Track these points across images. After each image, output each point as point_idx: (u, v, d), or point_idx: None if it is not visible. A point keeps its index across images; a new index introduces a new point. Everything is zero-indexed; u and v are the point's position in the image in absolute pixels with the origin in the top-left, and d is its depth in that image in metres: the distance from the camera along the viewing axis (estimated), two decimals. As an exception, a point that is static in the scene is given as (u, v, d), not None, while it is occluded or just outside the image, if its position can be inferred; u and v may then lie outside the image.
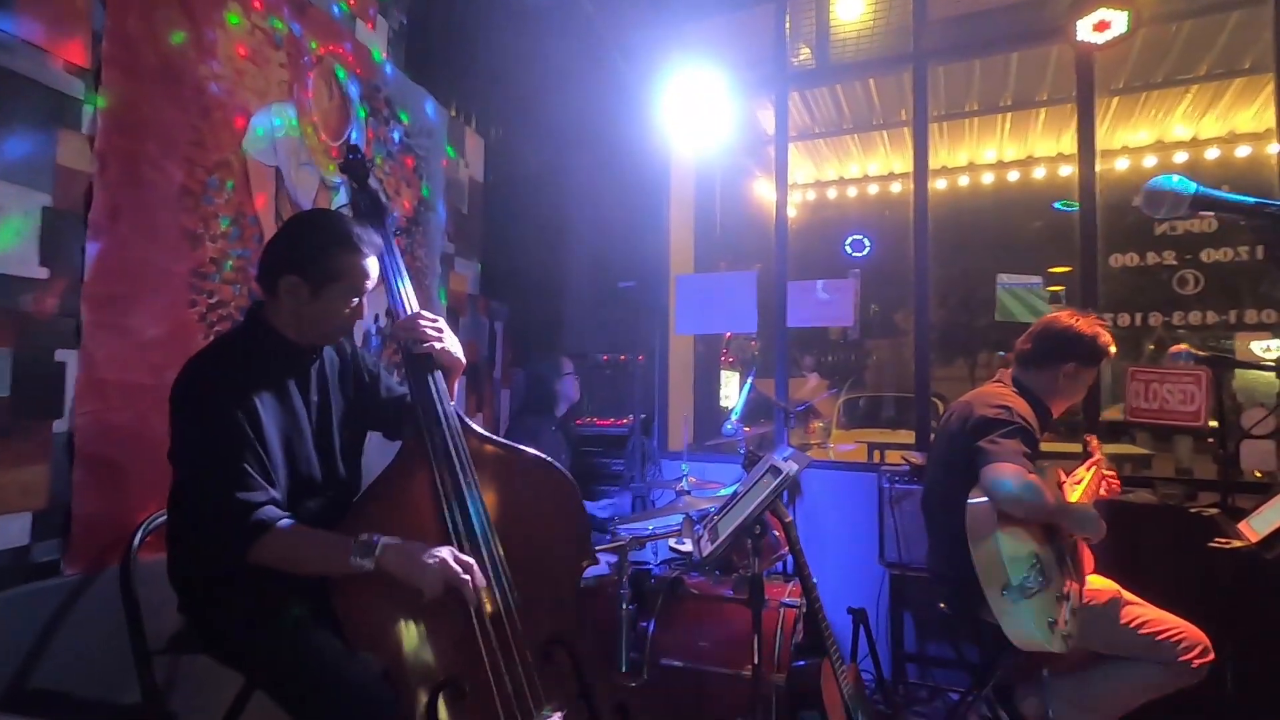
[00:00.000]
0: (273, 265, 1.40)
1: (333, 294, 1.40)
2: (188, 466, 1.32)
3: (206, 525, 1.29)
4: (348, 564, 1.25)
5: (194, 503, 1.32)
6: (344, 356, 1.59)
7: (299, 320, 1.41)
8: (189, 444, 1.31)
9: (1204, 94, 4.36)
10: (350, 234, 1.41)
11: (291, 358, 1.45)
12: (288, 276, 1.38)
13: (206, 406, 1.29)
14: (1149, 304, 2.93)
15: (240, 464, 1.27)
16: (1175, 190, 0.96)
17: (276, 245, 1.43)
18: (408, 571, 1.27)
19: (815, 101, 4.71)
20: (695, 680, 2.08)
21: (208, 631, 1.39)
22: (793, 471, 1.60)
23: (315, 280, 1.38)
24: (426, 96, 2.94)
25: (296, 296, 1.38)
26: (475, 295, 3.34)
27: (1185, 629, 1.87)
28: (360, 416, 1.58)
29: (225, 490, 1.25)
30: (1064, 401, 2.08)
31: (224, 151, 1.93)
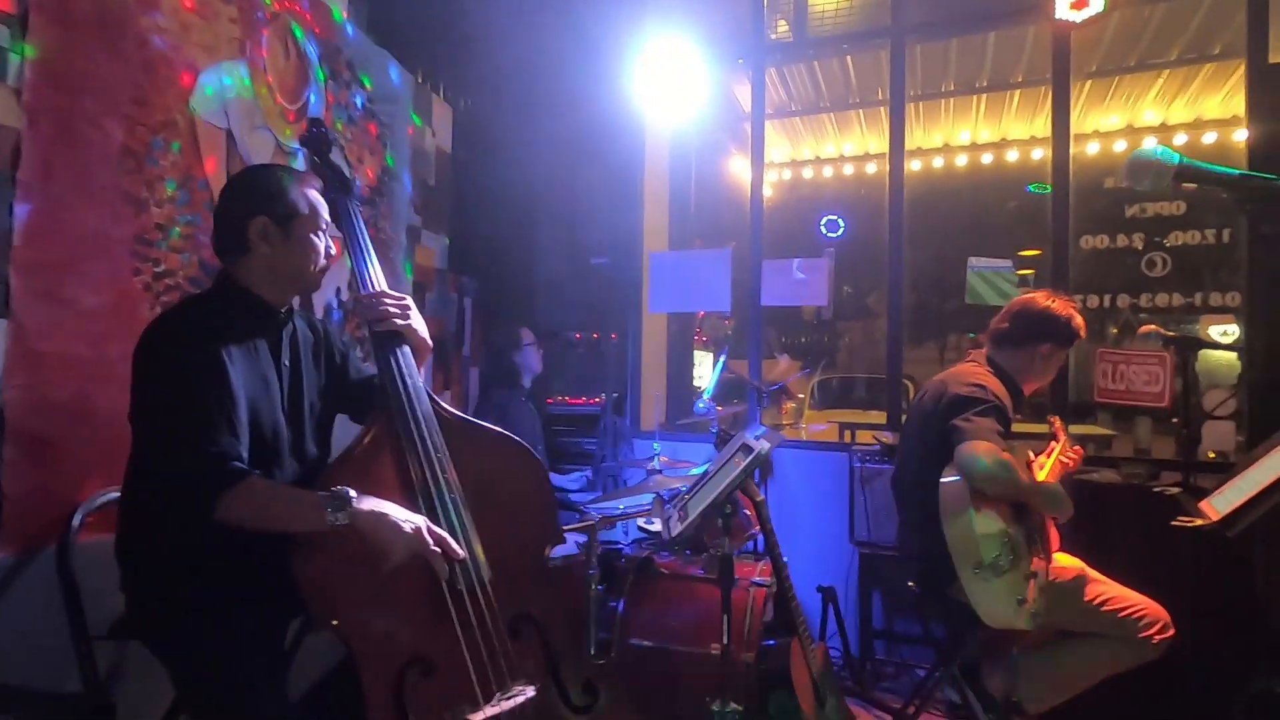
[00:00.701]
0: (236, 217, 1.36)
1: (302, 229, 1.38)
2: (154, 420, 1.25)
3: (175, 477, 1.22)
4: (321, 519, 1.20)
5: (162, 455, 1.24)
6: (317, 333, 1.54)
7: (276, 270, 1.37)
8: (156, 397, 1.25)
9: (1174, 79, 4.40)
10: (292, 170, 1.44)
11: (264, 318, 1.39)
12: (256, 220, 1.34)
13: (175, 358, 1.24)
14: (1118, 286, 2.96)
15: (212, 414, 1.22)
16: (1160, 161, 0.93)
17: (233, 199, 1.39)
18: (380, 532, 1.23)
19: (792, 79, 4.66)
20: (664, 660, 2.07)
21: (144, 616, 1.32)
22: (764, 450, 1.57)
23: (282, 217, 1.36)
24: (391, 61, 2.82)
25: (269, 240, 1.35)
26: (443, 270, 3.25)
27: (1147, 606, 1.90)
28: (331, 395, 1.53)
29: (196, 440, 1.20)
30: (1036, 382, 2.09)
31: (169, 111, 1.82)
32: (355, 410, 1.59)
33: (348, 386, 1.56)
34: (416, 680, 1.29)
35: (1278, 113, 2.60)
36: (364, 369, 1.61)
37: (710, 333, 4.79)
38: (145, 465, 1.29)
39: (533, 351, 3.08)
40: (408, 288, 2.95)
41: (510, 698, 1.35)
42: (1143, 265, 2.86)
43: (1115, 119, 4.92)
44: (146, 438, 1.28)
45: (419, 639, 1.31)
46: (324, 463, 1.49)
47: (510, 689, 1.35)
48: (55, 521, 1.47)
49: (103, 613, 1.39)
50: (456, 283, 3.36)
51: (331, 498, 1.21)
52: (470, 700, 1.31)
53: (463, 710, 1.30)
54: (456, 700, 1.31)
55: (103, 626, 1.39)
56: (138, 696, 1.49)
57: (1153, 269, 2.85)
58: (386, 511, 1.25)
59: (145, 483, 1.30)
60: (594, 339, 3.66)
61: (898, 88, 3.37)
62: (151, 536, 1.30)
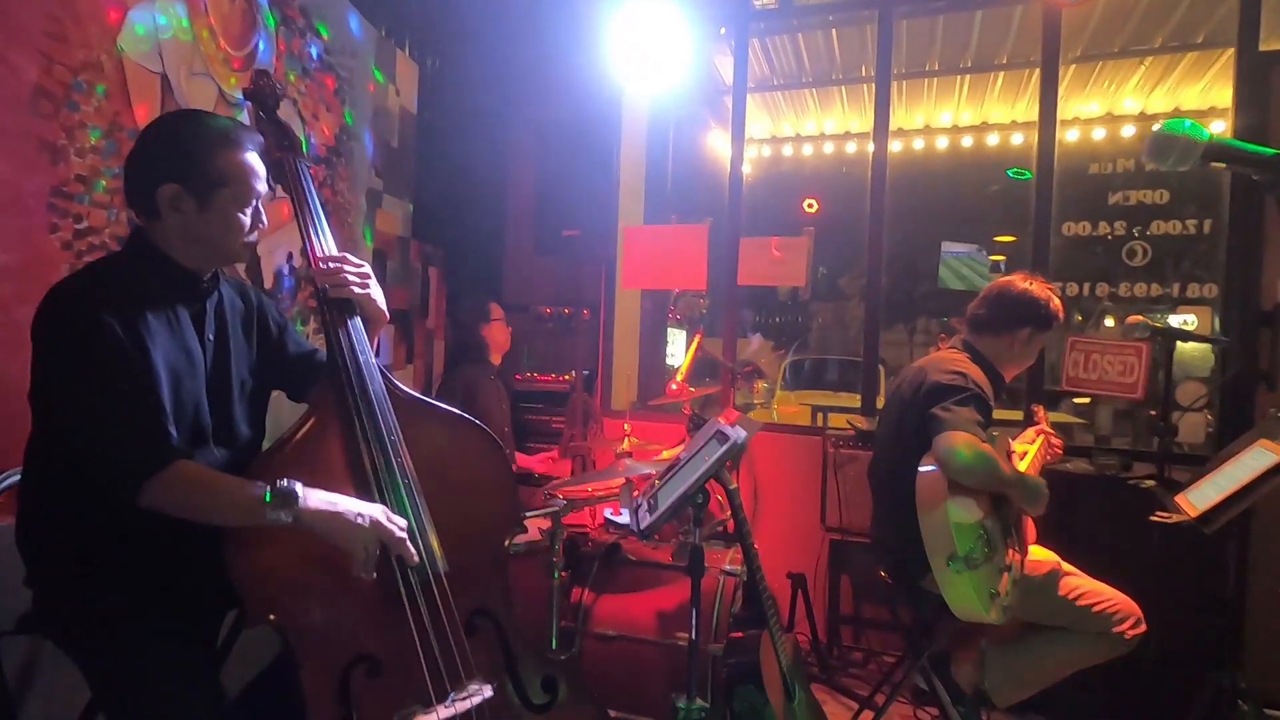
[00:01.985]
0: (144, 179, 1.18)
1: (224, 200, 1.20)
2: (62, 401, 1.11)
3: (92, 466, 1.09)
4: (260, 515, 1.07)
5: (78, 438, 1.10)
6: (248, 302, 1.38)
7: (191, 240, 1.21)
8: (62, 375, 1.10)
9: (1156, 67, 4.37)
10: (227, 129, 1.22)
11: (184, 286, 1.24)
12: (165, 187, 1.16)
13: (84, 330, 1.08)
14: (1096, 274, 2.93)
15: (129, 394, 1.08)
16: (1188, 137, 0.85)
17: (144, 154, 1.20)
18: (333, 530, 1.12)
19: (775, 51, 4.52)
20: (629, 651, 2.00)
21: (50, 611, 1.19)
22: (740, 439, 1.49)
23: (199, 188, 1.18)
24: (351, 10, 2.63)
25: (180, 210, 1.18)
26: (406, 238, 3.08)
27: (1120, 601, 1.87)
28: (264, 371, 1.39)
29: (117, 419, 1.07)
30: (1016, 367, 2.04)
31: (92, 49, 1.63)
32: (294, 387, 1.45)
33: (286, 361, 1.43)
34: (362, 679, 1.21)
35: (1265, 100, 2.56)
36: (304, 343, 1.47)
37: (685, 311, 4.69)
38: (51, 449, 1.15)
39: (501, 327, 2.95)
40: (367, 255, 2.79)
41: (465, 698, 1.26)
42: (1123, 254, 2.82)
43: (1095, 105, 4.89)
44: (55, 419, 1.14)
45: (365, 635, 1.22)
46: (257, 445, 1.36)
47: (465, 688, 1.27)
48: (-45, 504, 1.32)
49: (11, 605, 1.25)
50: (420, 251, 3.20)
51: (275, 493, 1.08)
52: (421, 700, 1.23)
53: (412, 711, 1.22)
54: (406, 701, 1.23)
55: (11, 620, 1.26)
56: (53, 694, 1.37)
57: (1133, 258, 2.82)
58: (339, 508, 1.13)
59: (50, 465, 1.16)
60: (565, 314, 3.54)
61: (884, 63, 3.27)
62: (58, 524, 1.17)
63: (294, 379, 1.44)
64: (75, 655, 1.18)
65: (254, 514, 1.08)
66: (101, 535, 1.15)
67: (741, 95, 3.50)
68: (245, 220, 1.24)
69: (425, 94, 3.16)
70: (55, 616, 1.19)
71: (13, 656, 1.35)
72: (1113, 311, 4.16)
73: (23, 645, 1.42)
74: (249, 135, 1.25)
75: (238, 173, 1.21)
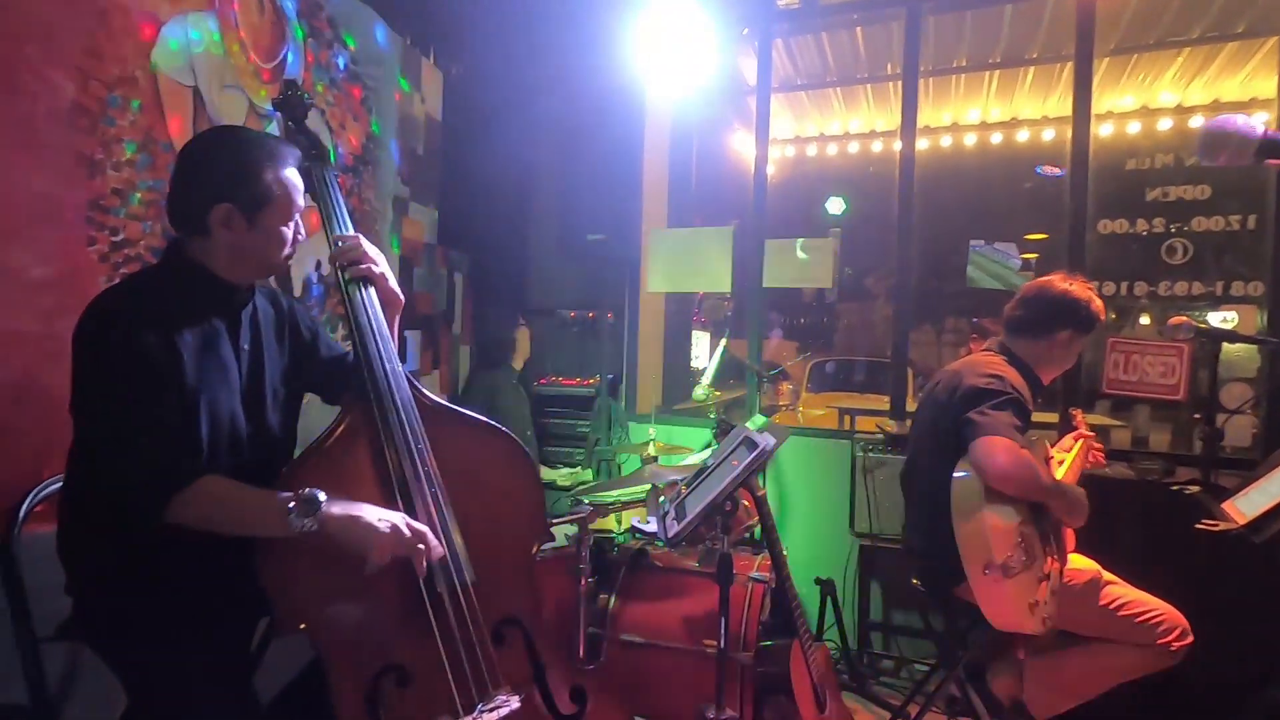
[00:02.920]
0: (197, 199, 1.20)
1: (271, 217, 1.22)
2: (94, 415, 1.13)
3: (118, 481, 1.11)
4: (284, 524, 1.09)
5: (106, 453, 1.12)
6: (279, 309, 1.40)
7: (238, 255, 1.23)
8: (96, 388, 1.12)
9: (1194, 59, 4.24)
10: (272, 147, 1.24)
11: (221, 298, 1.26)
12: (218, 207, 1.19)
13: (119, 345, 1.10)
14: (1133, 272, 2.84)
15: (159, 410, 1.10)
16: (1240, 132, 0.81)
17: (192, 174, 1.22)
18: (354, 536, 1.13)
19: (799, 51, 4.48)
20: (657, 658, 1.98)
21: (89, 619, 1.21)
22: (770, 446, 1.46)
23: (250, 206, 1.20)
24: (377, 20, 2.65)
25: (232, 228, 1.20)
26: (432, 244, 3.11)
27: (1165, 611, 1.81)
28: (297, 377, 1.41)
29: (143, 437, 1.09)
30: (1055, 370, 1.98)
31: (127, 65, 1.67)
32: (328, 390, 1.47)
33: (318, 365, 1.44)
34: (391, 689, 1.21)
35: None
36: (336, 346, 1.49)
37: (709, 314, 4.66)
38: (87, 460, 1.18)
39: (526, 333, 2.97)
40: (394, 262, 2.81)
41: (492, 708, 1.26)
42: (1162, 251, 2.73)
43: (1130, 99, 4.76)
44: (88, 432, 1.15)
45: (394, 645, 1.22)
46: (288, 445, 1.38)
47: (492, 699, 1.26)
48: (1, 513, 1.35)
49: (54, 611, 1.28)
50: (446, 257, 3.22)
51: (298, 501, 1.09)
52: (449, 711, 1.22)
53: (441, 722, 1.21)
54: (434, 711, 1.22)
55: (51, 626, 1.28)
56: (91, 699, 1.39)
57: (1173, 255, 2.73)
58: (359, 514, 1.14)
59: (88, 478, 1.18)
60: (589, 318, 3.53)
61: (911, 61, 3.22)
62: (96, 534, 1.19)
63: (327, 382, 1.46)
64: (112, 662, 1.20)
65: (279, 523, 1.09)
66: (139, 544, 1.16)
67: (765, 96, 3.47)
68: (289, 234, 1.26)
69: (450, 101, 3.18)
70: (94, 624, 1.21)
71: (53, 662, 1.38)
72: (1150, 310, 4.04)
73: (62, 651, 1.44)
74: (289, 150, 1.28)
75: (282, 189, 1.23)
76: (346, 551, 1.14)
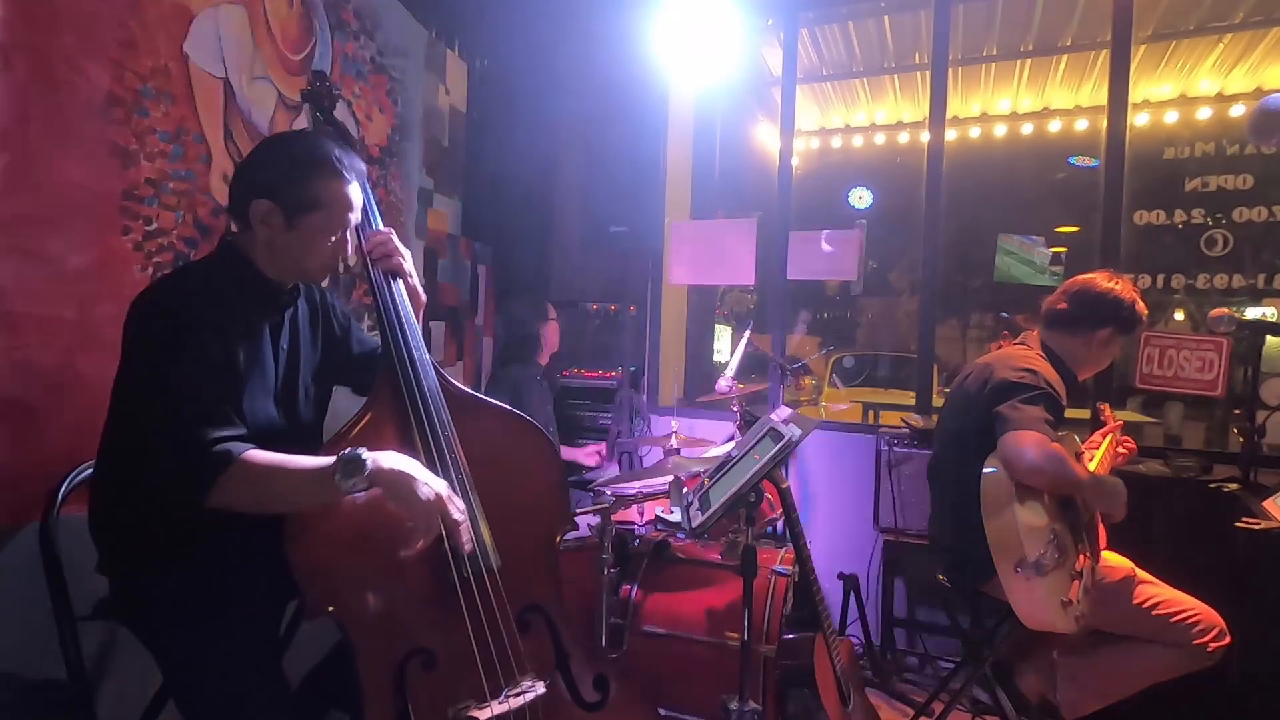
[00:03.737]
0: (243, 190, 1.23)
1: (311, 225, 1.23)
2: (142, 398, 1.14)
3: (167, 458, 1.12)
4: (332, 487, 1.09)
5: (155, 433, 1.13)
6: (313, 303, 1.42)
7: (274, 254, 1.25)
8: (150, 367, 1.13)
9: (1236, 44, 4.11)
10: (331, 156, 1.24)
11: (266, 297, 1.28)
12: (259, 202, 1.21)
13: (176, 326, 1.12)
14: (1170, 265, 2.77)
15: (212, 388, 1.12)
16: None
17: (247, 168, 1.26)
18: (401, 493, 1.13)
19: (825, 40, 4.41)
20: (679, 649, 1.97)
21: (125, 598, 1.23)
22: (795, 437, 1.44)
23: (290, 207, 1.21)
24: (403, 12, 2.66)
25: (269, 225, 1.22)
26: (456, 235, 3.12)
27: (1201, 610, 1.76)
28: (328, 371, 1.43)
29: (192, 419, 1.09)
30: (1091, 368, 1.94)
31: (161, 57, 1.69)
32: (359, 383, 1.49)
33: (350, 359, 1.46)
34: (418, 673, 1.22)
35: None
36: (367, 340, 1.50)
37: (732, 306, 4.64)
38: (127, 441, 1.19)
39: (554, 327, 2.96)
40: (419, 253, 2.83)
41: (518, 694, 1.26)
42: (1201, 243, 2.65)
43: (1168, 88, 4.62)
44: (138, 411, 1.17)
45: (420, 629, 1.24)
46: (320, 442, 1.39)
47: (518, 684, 1.27)
48: (39, 495, 1.38)
49: (90, 590, 1.31)
50: (470, 249, 3.24)
51: (343, 463, 1.09)
52: (476, 695, 1.24)
53: (467, 706, 1.23)
54: (460, 695, 1.23)
55: (88, 604, 1.31)
56: (127, 676, 1.43)
57: (1212, 247, 2.65)
58: (410, 470, 1.14)
59: (128, 459, 1.20)
60: (611, 310, 3.53)
61: (940, 51, 3.16)
62: (130, 515, 1.21)
63: (359, 376, 1.47)
64: (148, 640, 1.22)
65: (326, 488, 1.10)
66: (172, 525, 1.18)
67: (790, 86, 3.43)
68: (328, 247, 1.26)
69: (474, 93, 3.19)
70: (130, 603, 1.23)
71: (90, 641, 1.41)
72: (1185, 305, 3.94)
73: (98, 630, 1.48)
74: (352, 165, 1.27)
75: (332, 200, 1.24)
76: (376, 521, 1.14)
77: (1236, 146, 2.70)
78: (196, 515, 1.14)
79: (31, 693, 1.39)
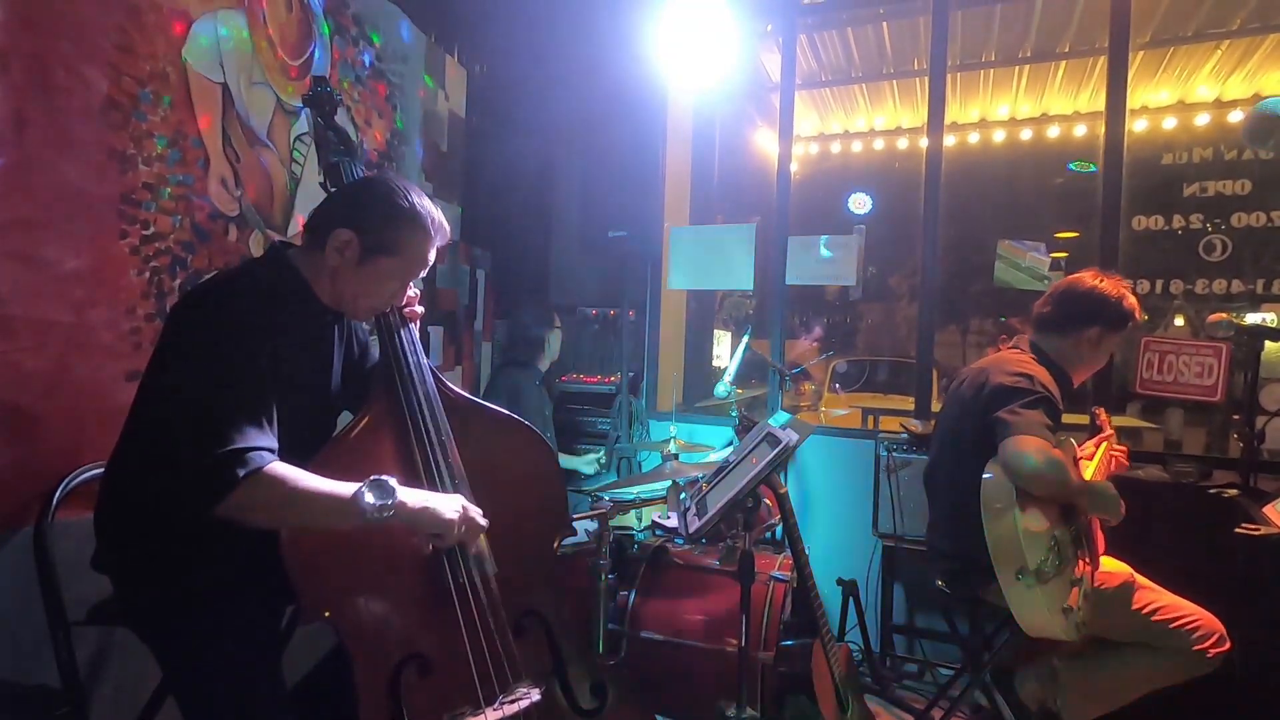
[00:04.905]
0: (331, 215, 1.26)
1: (381, 267, 1.25)
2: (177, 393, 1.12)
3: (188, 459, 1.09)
4: (358, 509, 1.09)
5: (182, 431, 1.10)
6: (341, 323, 1.41)
7: (335, 283, 1.26)
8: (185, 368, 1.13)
9: (1233, 51, 4.12)
10: (427, 215, 1.28)
11: (314, 317, 1.30)
12: (342, 231, 1.23)
13: (228, 333, 1.13)
14: (1168, 270, 2.77)
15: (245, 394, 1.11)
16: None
17: (342, 196, 1.31)
18: (426, 523, 1.17)
19: (823, 46, 4.43)
20: (677, 655, 1.97)
21: (130, 600, 1.22)
22: (793, 442, 1.44)
23: (370, 245, 1.23)
24: (401, 17, 2.67)
25: (343, 255, 1.23)
26: (455, 240, 3.12)
27: (1201, 616, 1.75)
28: (346, 389, 1.42)
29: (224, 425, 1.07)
30: (1086, 370, 1.93)
31: (159, 61, 1.69)
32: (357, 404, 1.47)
33: (361, 378, 1.44)
34: (413, 678, 1.22)
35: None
36: (374, 357, 1.49)
37: (731, 311, 4.63)
38: (150, 435, 1.18)
39: (559, 336, 2.95)
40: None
41: (513, 700, 1.26)
42: (1200, 248, 2.65)
43: (1165, 94, 4.64)
44: (161, 408, 1.16)
45: (416, 635, 1.24)
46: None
47: (513, 691, 1.27)
48: (32, 500, 1.38)
49: (84, 595, 1.30)
50: (469, 254, 3.24)
51: (371, 486, 1.11)
52: (470, 702, 1.23)
53: (462, 712, 1.23)
54: (455, 702, 1.23)
55: (82, 609, 1.30)
56: (121, 681, 1.42)
57: (1211, 252, 2.65)
58: (430, 503, 1.18)
59: (143, 454, 1.19)
60: (610, 316, 3.53)
61: (938, 57, 3.16)
62: (141, 513, 1.20)
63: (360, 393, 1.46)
64: (150, 640, 1.21)
65: (349, 511, 1.10)
66: (180, 525, 1.17)
67: (789, 92, 3.44)
68: (387, 293, 1.29)
69: (473, 98, 3.20)
70: (133, 603, 1.22)
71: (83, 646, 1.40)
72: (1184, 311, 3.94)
73: (93, 635, 1.47)
74: (440, 228, 1.31)
75: (411, 252, 1.27)
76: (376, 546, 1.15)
77: (1235, 152, 2.71)
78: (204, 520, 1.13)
79: (25, 698, 1.38)
